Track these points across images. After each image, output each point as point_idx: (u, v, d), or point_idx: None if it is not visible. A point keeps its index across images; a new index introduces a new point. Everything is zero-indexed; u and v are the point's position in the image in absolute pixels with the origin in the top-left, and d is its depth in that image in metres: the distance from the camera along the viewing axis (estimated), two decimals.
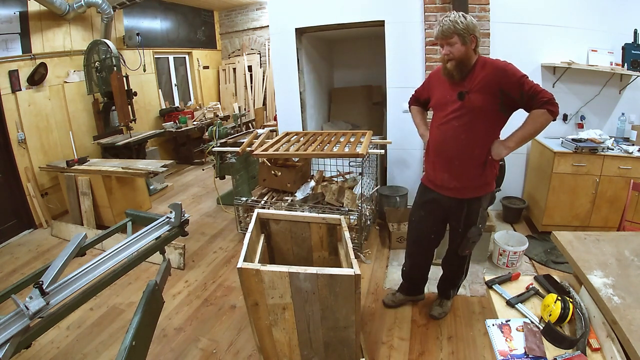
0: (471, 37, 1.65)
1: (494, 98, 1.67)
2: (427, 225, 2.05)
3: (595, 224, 2.89)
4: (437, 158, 1.89)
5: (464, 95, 1.71)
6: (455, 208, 1.91)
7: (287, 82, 3.92)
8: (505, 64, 1.70)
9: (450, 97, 1.77)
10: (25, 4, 3.75)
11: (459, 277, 2.21)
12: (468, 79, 1.72)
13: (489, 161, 1.81)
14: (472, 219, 1.91)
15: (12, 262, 3.21)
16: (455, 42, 1.65)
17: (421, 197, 2.04)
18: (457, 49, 1.66)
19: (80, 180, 3.64)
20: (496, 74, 1.67)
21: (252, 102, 6.86)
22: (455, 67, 1.70)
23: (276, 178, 3.26)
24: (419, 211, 2.06)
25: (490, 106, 1.69)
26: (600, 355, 1.07)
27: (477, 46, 1.69)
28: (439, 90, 1.85)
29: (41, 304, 1.18)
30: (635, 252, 1.32)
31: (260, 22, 6.76)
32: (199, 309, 2.46)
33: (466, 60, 1.69)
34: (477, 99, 1.69)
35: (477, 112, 1.71)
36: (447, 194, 1.90)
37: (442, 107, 1.82)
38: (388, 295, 2.40)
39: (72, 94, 4.33)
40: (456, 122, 1.76)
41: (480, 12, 3.07)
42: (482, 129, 1.75)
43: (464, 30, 1.62)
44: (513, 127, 1.78)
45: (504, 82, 1.65)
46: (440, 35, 1.68)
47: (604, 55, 3.05)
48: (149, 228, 1.76)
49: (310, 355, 1.67)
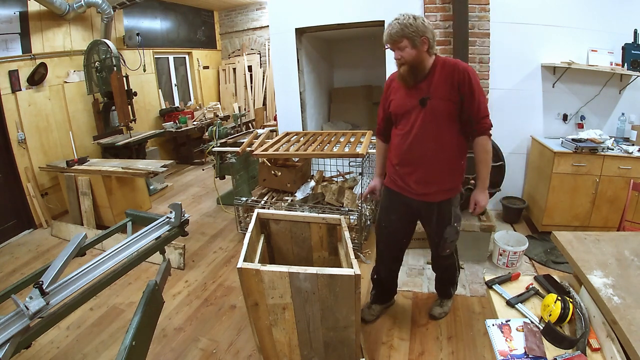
0: (422, 40, 1.57)
1: (455, 103, 1.62)
2: (398, 228, 1.97)
3: (595, 224, 2.88)
4: (403, 168, 1.81)
5: (426, 102, 1.65)
6: (426, 211, 1.85)
7: (287, 82, 3.92)
8: (467, 67, 1.63)
9: (411, 104, 1.69)
10: (25, 4, 3.75)
11: (453, 274, 2.18)
12: (427, 83, 1.65)
13: (457, 165, 1.78)
14: (446, 219, 1.85)
15: (12, 262, 3.21)
16: (405, 46, 1.58)
17: (389, 201, 1.96)
18: (408, 53, 1.59)
19: (80, 180, 3.64)
20: (455, 75, 1.61)
21: (252, 102, 6.86)
22: (409, 72, 1.63)
23: (276, 178, 3.26)
24: (388, 216, 1.97)
25: (453, 110, 1.64)
26: (600, 355, 1.07)
27: (430, 48, 1.61)
28: (399, 96, 1.76)
29: (41, 304, 1.18)
30: (635, 252, 1.32)
31: (260, 22, 6.76)
32: (199, 309, 2.46)
33: (419, 64, 1.62)
34: (440, 105, 1.63)
35: (441, 118, 1.65)
36: (416, 198, 1.82)
37: (404, 115, 1.73)
38: (364, 309, 2.22)
39: (72, 94, 4.33)
40: (421, 130, 1.68)
41: (480, 12, 3.07)
42: (448, 133, 1.69)
43: (414, 33, 1.55)
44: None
45: (463, 86, 1.60)
46: (389, 39, 1.61)
47: (604, 55, 3.05)
48: (149, 228, 1.76)
49: (310, 355, 1.67)
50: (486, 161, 1.74)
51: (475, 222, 2.69)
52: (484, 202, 1.79)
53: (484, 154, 1.72)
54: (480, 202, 1.80)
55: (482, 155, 1.72)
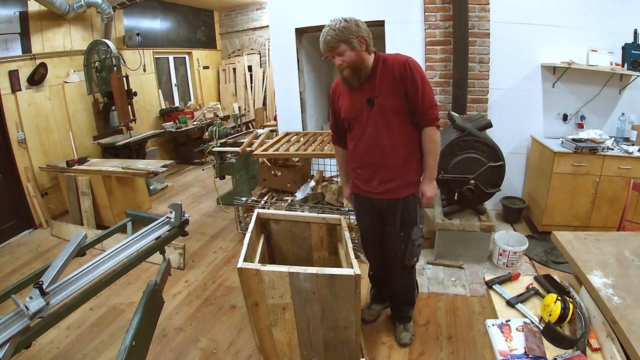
0: (359, 40, 1.57)
1: (402, 97, 1.62)
2: (373, 229, 1.95)
3: (595, 224, 2.88)
4: (363, 170, 1.79)
5: (373, 101, 1.64)
6: (392, 207, 1.80)
7: (287, 82, 3.92)
8: (408, 59, 1.61)
9: (359, 105, 1.68)
10: (25, 4, 3.75)
11: (412, 292, 2.07)
12: (371, 83, 1.64)
13: (414, 158, 1.75)
14: (412, 218, 1.80)
15: (12, 262, 3.21)
16: (344, 50, 1.57)
17: (358, 205, 1.95)
18: (348, 56, 1.58)
19: (80, 180, 3.64)
20: (396, 69, 1.60)
21: (252, 102, 6.86)
22: (351, 74, 1.62)
23: (276, 178, 3.26)
24: (362, 219, 1.97)
25: (402, 105, 1.63)
26: (600, 355, 1.07)
27: (368, 46, 1.61)
28: (346, 101, 1.73)
29: (41, 304, 1.18)
30: (635, 252, 1.32)
31: (260, 22, 6.76)
32: (199, 309, 2.46)
33: (361, 64, 1.60)
34: (387, 101, 1.62)
35: (390, 114, 1.64)
36: (380, 198, 1.79)
37: (355, 118, 1.72)
38: (364, 310, 2.21)
39: (72, 94, 4.33)
40: (374, 130, 1.67)
41: (480, 12, 3.07)
42: (400, 129, 1.68)
43: (349, 35, 1.55)
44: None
45: (406, 80, 1.59)
46: (326, 47, 1.60)
47: (604, 55, 3.05)
48: (149, 228, 1.76)
49: (310, 355, 1.67)
50: (433, 152, 1.71)
51: (475, 222, 2.69)
52: (431, 192, 1.76)
53: (431, 144, 1.69)
54: (426, 192, 1.76)
55: (429, 145, 1.70)
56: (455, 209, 2.77)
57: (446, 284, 2.56)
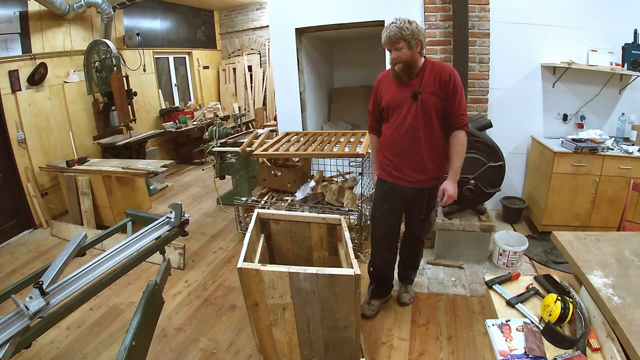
0: (416, 42, 1.75)
1: (441, 98, 1.82)
2: (392, 217, 2.09)
3: (595, 224, 2.88)
4: (397, 158, 1.96)
5: (417, 96, 1.82)
6: (419, 197, 2.01)
7: (287, 82, 3.92)
8: (452, 69, 1.83)
9: (404, 98, 1.86)
10: (25, 4, 3.75)
11: (418, 259, 2.35)
12: (418, 80, 1.83)
13: (444, 154, 1.94)
14: (432, 203, 2.06)
15: (12, 262, 3.21)
16: (402, 47, 1.75)
17: (382, 191, 2.07)
18: (404, 53, 1.77)
19: (80, 180, 3.64)
20: (442, 74, 1.80)
21: (252, 102, 6.86)
22: (403, 70, 1.81)
23: (276, 178, 3.26)
24: (382, 205, 2.08)
25: (440, 104, 1.83)
26: (600, 355, 1.07)
27: (422, 49, 1.80)
28: (390, 92, 1.92)
29: (41, 304, 1.18)
30: (635, 252, 1.32)
31: (260, 22, 6.76)
32: (199, 309, 2.46)
33: (413, 63, 1.80)
34: (430, 98, 1.82)
35: (431, 110, 1.83)
36: (410, 186, 1.97)
37: (396, 108, 1.90)
38: (364, 306, 2.28)
39: (72, 94, 4.33)
40: (413, 121, 1.85)
41: (480, 12, 3.07)
42: (435, 125, 1.87)
43: (410, 35, 1.73)
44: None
45: (448, 85, 1.80)
46: (388, 41, 1.77)
47: (604, 55, 3.05)
48: (149, 228, 1.76)
49: (310, 355, 1.67)
50: (461, 154, 1.89)
51: (475, 222, 2.69)
52: (452, 192, 1.91)
53: (459, 146, 1.88)
54: (448, 190, 1.91)
55: (458, 147, 1.88)
56: (455, 209, 2.77)
57: (446, 284, 2.56)
